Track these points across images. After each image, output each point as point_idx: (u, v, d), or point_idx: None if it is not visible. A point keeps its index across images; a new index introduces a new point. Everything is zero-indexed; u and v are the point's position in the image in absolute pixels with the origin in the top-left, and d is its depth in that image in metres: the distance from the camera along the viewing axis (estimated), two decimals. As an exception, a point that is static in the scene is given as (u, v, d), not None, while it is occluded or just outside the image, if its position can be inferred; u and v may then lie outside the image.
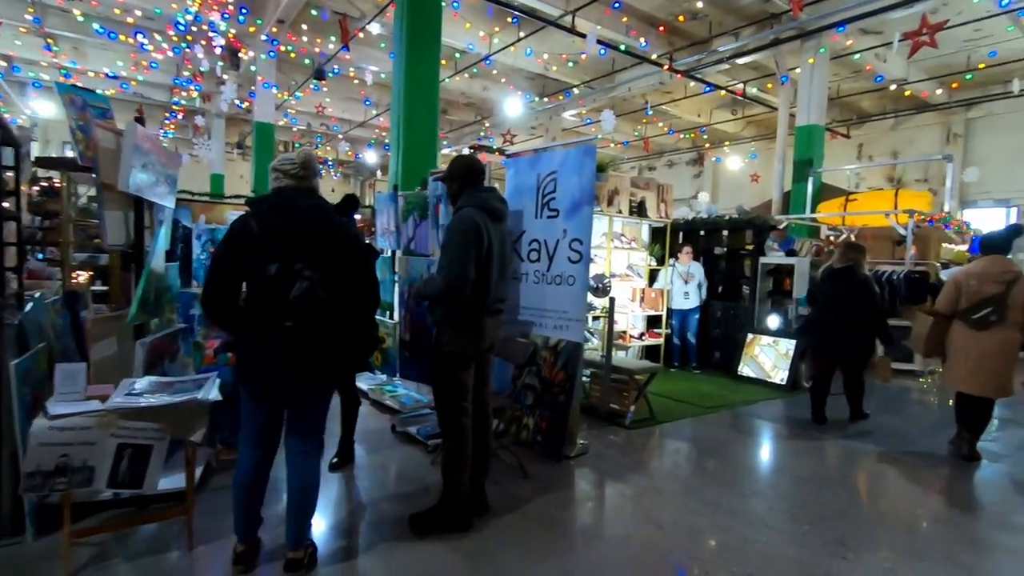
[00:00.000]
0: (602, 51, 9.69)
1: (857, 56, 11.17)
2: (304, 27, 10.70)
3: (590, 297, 5.62)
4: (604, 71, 14.35)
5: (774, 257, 7.33)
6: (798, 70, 11.92)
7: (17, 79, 12.85)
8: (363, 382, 5.58)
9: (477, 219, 2.87)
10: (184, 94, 13.13)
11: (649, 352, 7.34)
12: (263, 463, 2.53)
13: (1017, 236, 4.29)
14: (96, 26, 9.69)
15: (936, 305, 4.44)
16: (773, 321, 6.96)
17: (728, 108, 17.17)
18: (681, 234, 8.17)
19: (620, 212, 6.56)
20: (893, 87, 12.74)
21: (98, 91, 4.12)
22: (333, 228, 2.49)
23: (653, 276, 7.32)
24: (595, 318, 6.59)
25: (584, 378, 5.50)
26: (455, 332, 2.91)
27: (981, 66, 11.29)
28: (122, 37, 9.63)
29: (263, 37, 10.29)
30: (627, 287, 7.06)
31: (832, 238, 10.02)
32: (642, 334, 7.09)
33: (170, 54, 10.82)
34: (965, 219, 11.31)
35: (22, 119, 14.15)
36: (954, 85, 11.84)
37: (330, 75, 11.06)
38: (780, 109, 12.79)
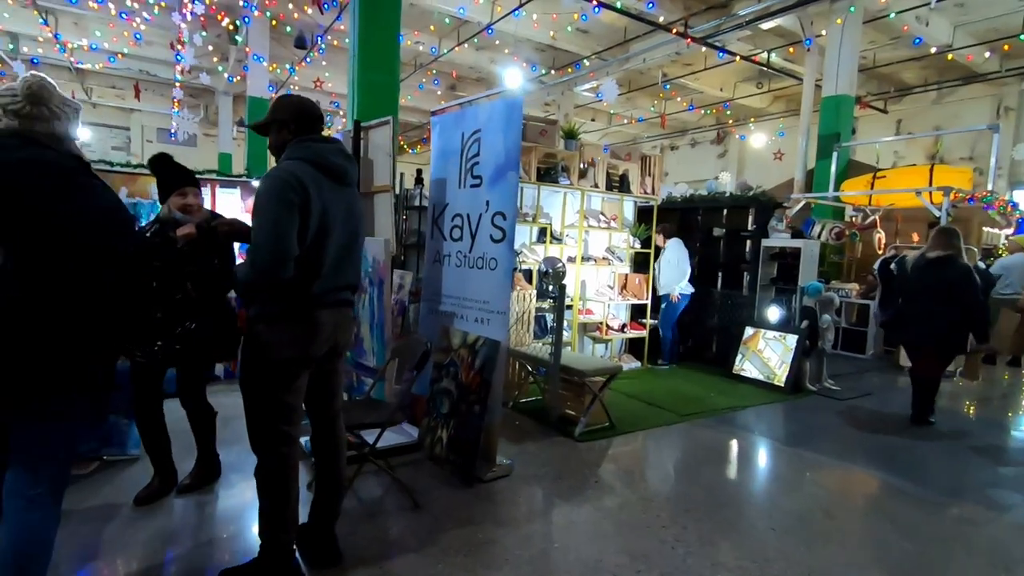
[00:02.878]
0: (596, 8, 8.56)
1: (893, 15, 9.71)
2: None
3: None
4: (616, 40, 13.16)
5: (778, 239, 6.24)
6: (826, 35, 10.55)
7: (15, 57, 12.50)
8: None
9: (301, 176, 2.03)
10: (179, 69, 12.57)
11: (633, 346, 6.40)
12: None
13: None
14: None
15: None
16: (773, 313, 5.92)
17: (753, 81, 15.69)
18: (680, 214, 7.15)
19: (596, 186, 5.60)
20: (934, 50, 11.15)
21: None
22: (59, 193, 1.71)
23: (639, 260, 6.34)
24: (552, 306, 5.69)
25: (538, 374, 4.66)
26: (273, 332, 2.09)
27: (1039, 24, 9.70)
28: (92, 5, 9.02)
29: (241, 2, 9.54)
30: (606, 272, 6.11)
31: (855, 219, 8.78)
32: (624, 326, 6.15)
33: (155, 27, 10.20)
34: (1012, 200, 9.84)
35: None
36: (1006, 47, 10.24)
37: (318, 45, 10.26)
38: (806, 78, 11.40)
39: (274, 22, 10.23)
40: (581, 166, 5.50)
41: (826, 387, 5.80)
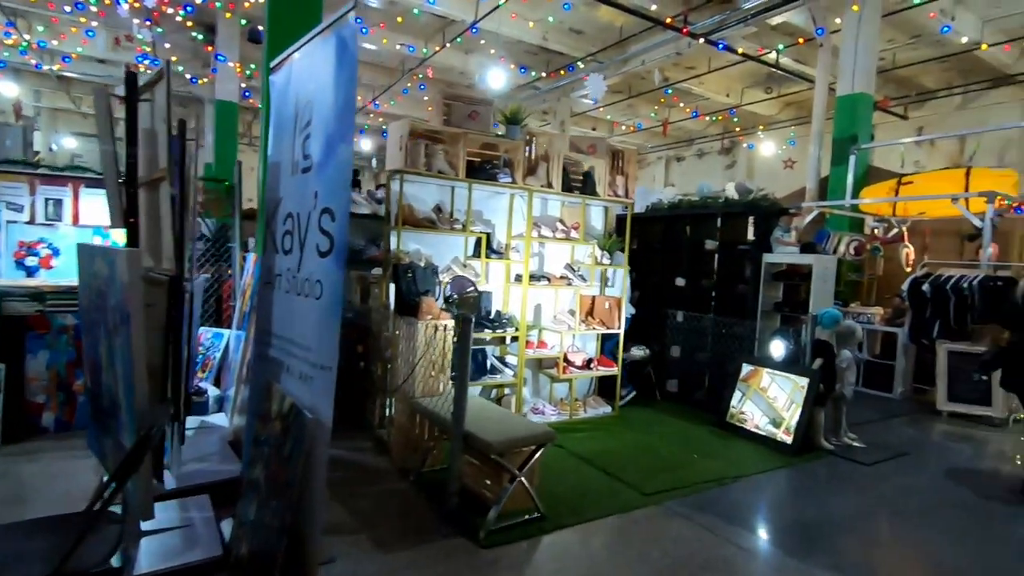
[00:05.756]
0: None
1: (917, 2, 8.32)
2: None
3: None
4: (611, 40, 11.95)
5: (784, 254, 4.87)
6: (842, 28, 9.20)
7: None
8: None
9: None
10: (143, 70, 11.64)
11: (604, 386, 5.05)
12: None
13: None
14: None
15: None
16: (777, 348, 4.53)
17: (761, 86, 14.31)
18: (664, 223, 5.83)
19: (549, 187, 4.31)
20: (965, 39, 9.73)
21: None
22: None
23: (608, 279, 5.00)
24: (512, 339, 4.39)
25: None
26: None
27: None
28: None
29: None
30: (567, 295, 4.78)
31: (878, 231, 7.35)
32: (590, 361, 4.80)
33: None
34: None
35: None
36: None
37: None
38: (818, 78, 10.02)
39: (228, 14, 9.19)
40: (529, 158, 4.22)
41: (846, 442, 4.41)
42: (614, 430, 4.45)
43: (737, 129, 16.68)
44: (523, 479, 2.81)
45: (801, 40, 10.34)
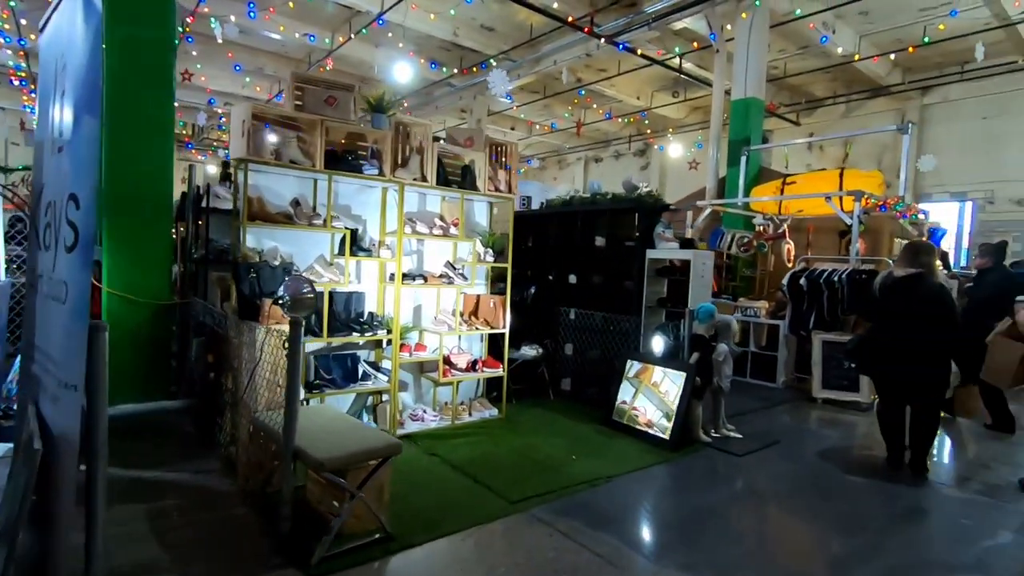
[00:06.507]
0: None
1: (799, 10, 8.80)
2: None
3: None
4: (522, 39, 11.89)
5: (665, 250, 4.89)
6: (735, 37, 9.60)
7: None
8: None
9: None
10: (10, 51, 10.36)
11: (491, 387, 4.87)
12: None
13: None
14: None
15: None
16: (656, 343, 4.53)
17: (669, 90, 14.80)
18: (557, 220, 5.73)
19: (424, 180, 4.06)
20: (840, 50, 10.44)
21: None
22: None
23: (497, 278, 4.82)
24: (368, 341, 4.10)
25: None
26: None
27: (941, 27, 9.03)
28: None
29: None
30: (452, 295, 4.55)
31: (763, 228, 7.66)
32: (475, 363, 4.60)
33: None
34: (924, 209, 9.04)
35: None
36: (911, 49, 9.57)
37: (182, 33, 8.36)
38: (715, 83, 10.40)
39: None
40: (401, 149, 3.95)
41: (724, 434, 4.46)
42: (497, 434, 4.27)
43: (648, 131, 17.17)
44: (363, 497, 2.54)
45: (695, 44, 10.72)
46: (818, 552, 2.90)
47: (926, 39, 9.22)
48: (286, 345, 2.48)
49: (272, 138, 3.32)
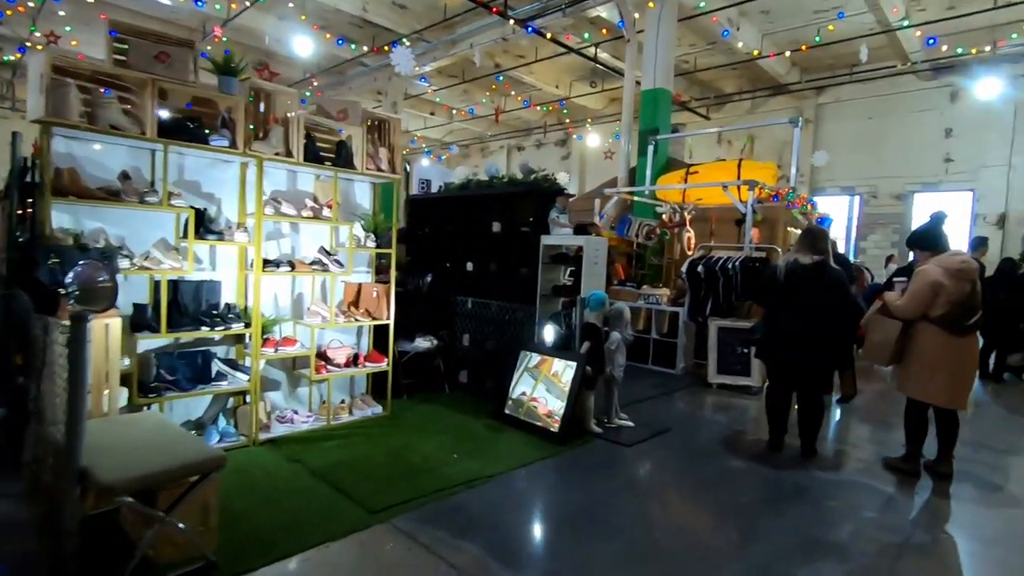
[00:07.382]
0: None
1: (703, 3, 8.93)
2: None
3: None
4: (436, 19, 11.40)
5: (559, 236, 4.72)
6: (644, 28, 9.64)
7: None
8: None
9: None
10: None
11: (377, 384, 4.50)
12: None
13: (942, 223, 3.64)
14: None
15: (903, 307, 3.53)
16: (548, 333, 4.36)
17: (587, 80, 14.80)
18: (454, 204, 5.41)
19: (289, 156, 3.61)
20: (740, 44, 10.79)
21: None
22: None
23: (380, 266, 4.46)
24: (226, 335, 3.63)
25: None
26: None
27: (831, 28, 9.52)
28: None
29: None
30: (330, 284, 4.14)
31: (667, 217, 7.74)
32: (356, 357, 4.22)
33: None
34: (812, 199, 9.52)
35: None
36: (803, 48, 10.04)
37: None
38: (626, 74, 10.41)
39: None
40: (261, 119, 3.48)
41: (617, 423, 4.37)
42: (375, 434, 3.93)
43: (568, 121, 17.19)
44: (171, 521, 2.14)
45: (605, 31, 10.71)
46: (693, 546, 2.81)
47: (818, 39, 9.68)
48: (65, 343, 2.02)
49: (76, 96, 2.76)
